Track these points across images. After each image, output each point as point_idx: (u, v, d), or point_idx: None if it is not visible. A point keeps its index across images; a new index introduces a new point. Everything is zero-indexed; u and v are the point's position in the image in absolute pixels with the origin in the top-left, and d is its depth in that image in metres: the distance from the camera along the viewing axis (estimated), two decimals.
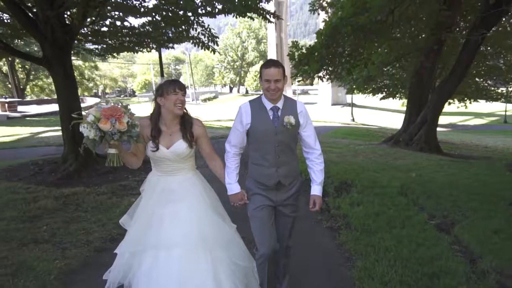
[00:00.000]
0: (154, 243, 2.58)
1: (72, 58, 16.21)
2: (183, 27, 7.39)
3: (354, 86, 13.16)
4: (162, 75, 13.79)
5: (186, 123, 2.75)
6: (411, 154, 10.71)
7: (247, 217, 2.92)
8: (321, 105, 42.62)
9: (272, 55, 49.56)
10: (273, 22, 7.85)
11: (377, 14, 7.92)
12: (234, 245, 2.83)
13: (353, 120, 28.60)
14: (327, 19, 10.33)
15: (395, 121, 26.21)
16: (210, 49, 7.31)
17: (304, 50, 10.27)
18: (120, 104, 2.49)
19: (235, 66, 71.14)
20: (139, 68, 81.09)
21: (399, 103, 34.50)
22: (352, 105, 29.97)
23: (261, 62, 61.12)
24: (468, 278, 3.48)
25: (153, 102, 2.77)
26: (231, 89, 78.81)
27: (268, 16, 7.06)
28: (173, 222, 2.62)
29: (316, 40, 10.07)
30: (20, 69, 37.52)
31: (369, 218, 4.94)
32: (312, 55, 9.83)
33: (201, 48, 7.36)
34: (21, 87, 37.88)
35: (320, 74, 10.54)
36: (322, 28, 10.15)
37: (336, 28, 9.21)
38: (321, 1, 12.03)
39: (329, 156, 9.43)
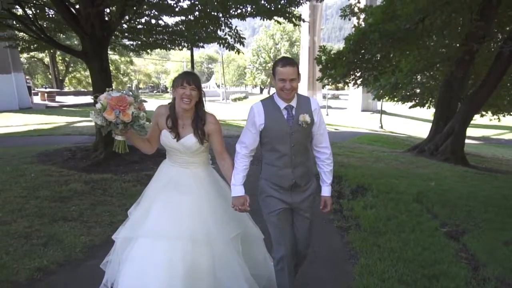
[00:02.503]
0: (150, 232, 2.56)
1: (109, 52, 16.95)
2: (211, 27, 7.68)
3: (381, 93, 13.14)
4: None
5: (198, 119, 2.72)
6: (434, 164, 10.62)
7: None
8: (351, 111, 42.26)
9: (304, 58, 49.47)
10: (298, 25, 8.02)
11: (406, 22, 7.97)
12: (233, 249, 2.74)
13: (381, 127, 28.27)
14: (357, 25, 10.43)
15: (425, 131, 25.70)
16: (235, 50, 7.59)
17: (332, 55, 10.39)
18: (131, 93, 2.52)
19: (267, 68, 71.36)
20: (172, 65, 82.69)
21: (431, 113, 33.80)
22: (382, 112, 29.62)
23: None
24: (467, 282, 3.57)
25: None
26: (261, 90, 79.11)
27: (294, 20, 7.24)
28: (174, 213, 2.60)
29: (344, 45, 10.19)
30: (60, 61, 39.20)
31: (380, 221, 5.07)
32: (339, 59, 9.95)
33: (227, 49, 7.64)
34: (60, 78, 39.59)
35: (346, 79, 10.62)
36: (351, 33, 10.25)
37: (364, 34, 9.30)
38: (352, 7, 12.09)
39: (350, 160, 9.52)
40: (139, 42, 9.38)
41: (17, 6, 7.61)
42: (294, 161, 2.71)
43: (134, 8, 6.81)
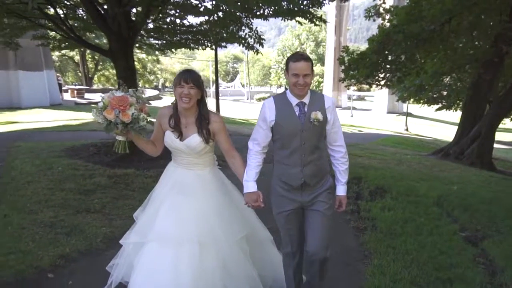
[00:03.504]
0: (158, 236, 2.56)
1: (137, 51, 17.35)
2: (233, 28, 7.78)
3: (405, 95, 12.94)
4: (216, 72, 14.36)
5: (202, 118, 2.66)
6: (459, 168, 10.39)
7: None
8: (376, 112, 41.64)
9: (329, 58, 49.02)
10: (319, 25, 8.00)
11: (430, 23, 7.85)
12: (239, 251, 2.72)
13: (406, 129, 27.74)
14: (381, 26, 10.33)
15: (453, 134, 25.16)
16: (254, 50, 7.68)
17: (355, 55, 10.33)
18: (135, 94, 2.54)
19: None
20: (198, 65, 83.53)
21: (459, 116, 32.97)
22: (407, 114, 29.08)
23: (319, 65, 60.97)
24: (483, 287, 3.54)
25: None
26: (286, 90, 78.96)
27: (315, 20, 7.25)
28: (180, 216, 2.59)
29: (368, 46, 10.10)
30: (90, 59, 40.32)
31: (397, 223, 5.03)
32: (362, 60, 9.88)
33: (247, 49, 7.74)
34: (90, 76, 40.72)
35: (369, 80, 10.53)
36: (374, 34, 10.16)
37: (388, 35, 9.20)
38: (378, 7, 11.97)
39: (371, 162, 9.44)
40: (164, 42, 9.60)
41: (49, 6, 7.93)
42: (304, 160, 2.63)
43: (159, 8, 6.97)
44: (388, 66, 10.61)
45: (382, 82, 10.83)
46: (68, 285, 3.11)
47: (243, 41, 7.86)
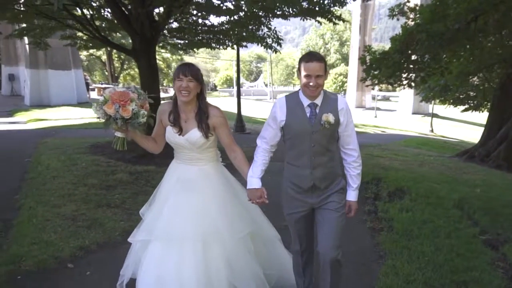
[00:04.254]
0: (162, 234, 2.55)
1: (162, 51, 17.62)
2: (252, 27, 7.84)
3: (430, 95, 12.68)
4: (238, 71, 14.45)
5: (201, 112, 2.63)
6: (484, 171, 10.13)
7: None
8: (401, 113, 40.84)
9: (354, 58, 48.36)
10: (337, 23, 7.94)
11: (455, 22, 7.68)
12: (244, 249, 2.69)
13: (431, 130, 27.13)
14: (404, 25, 10.16)
15: (480, 136, 24.53)
16: (273, 50, 7.70)
17: (377, 55, 10.19)
18: (136, 90, 2.53)
19: None
20: (222, 64, 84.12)
21: (486, 117, 32.02)
22: (433, 115, 28.44)
23: (343, 65, 60.29)
24: None
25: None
26: None
27: (334, 19, 7.22)
28: (183, 214, 2.57)
29: (390, 46, 9.96)
30: (116, 58, 41.26)
31: (414, 225, 4.96)
32: (385, 60, 9.75)
33: (265, 48, 7.79)
34: (116, 75, 41.66)
35: (391, 80, 10.38)
36: (397, 33, 10.01)
37: (411, 34, 9.05)
38: (402, 6, 11.77)
39: (392, 163, 9.32)
40: (186, 41, 9.75)
41: (76, 7, 8.19)
42: (313, 162, 2.57)
43: (181, 8, 7.10)
44: (411, 66, 10.43)
45: (405, 82, 10.66)
46: (86, 275, 3.24)
47: (261, 41, 7.90)
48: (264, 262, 2.84)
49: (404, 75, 10.55)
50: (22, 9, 7.58)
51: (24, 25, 9.46)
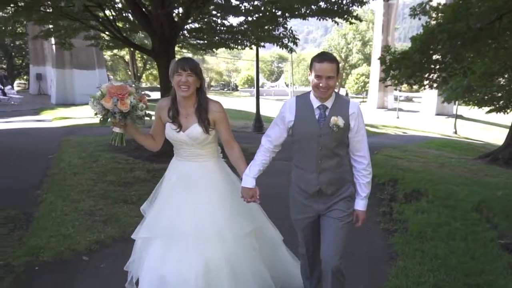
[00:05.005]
0: (163, 232, 2.53)
1: (183, 51, 17.89)
2: (267, 27, 7.87)
3: (452, 96, 12.41)
4: (257, 71, 14.50)
5: (201, 107, 2.58)
6: (507, 173, 9.86)
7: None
8: (424, 114, 40.02)
9: (376, 58, 47.81)
10: (354, 23, 7.88)
11: (476, 21, 7.51)
12: (248, 246, 2.64)
13: (455, 132, 26.49)
14: (426, 24, 9.98)
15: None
16: (288, 49, 7.71)
17: (397, 55, 10.04)
18: (133, 84, 2.48)
19: None
20: (243, 64, 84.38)
21: None
22: (457, 116, 27.77)
23: (365, 65, 59.49)
24: None
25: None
26: None
27: (350, 19, 7.18)
28: (185, 212, 2.54)
29: (410, 45, 9.80)
30: (139, 58, 41.95)
31: (429, 227, 4.89)
32: (405, 60, 9.60)
33: (280, 48, 7.81)
34: (138, 74, 42.36)
35: (411, 80, 10.20)
36: (418, 33, 9.84)
37: (432, 34, 8.89)
38: (424, 5, 11.58)
39: (411, 164, 9.20)
40: (205, 42, 9.88)
41: (99, 9, 8.41)
42: (320, 166, 2.50)
43: (199, 9, 7.21)
44: (432, 66, 10.24)
45: (426, 83, 10.47)
46: (100, 268, 3.34)
47: (277, 41, 7.93)
48: (268, 263, 2.77)
49: (425, 76, 10.36)
50: (47, 11, 7.84)
51: (50, 26, 9.79)
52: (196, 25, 9.24)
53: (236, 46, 9.63)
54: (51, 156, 7.81)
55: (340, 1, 7.32)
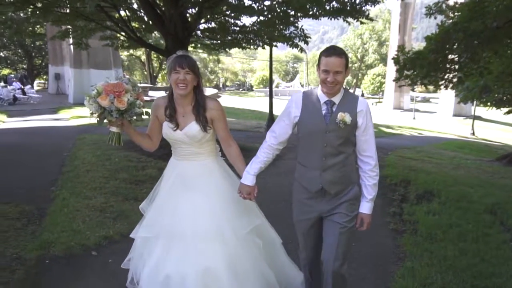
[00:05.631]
0: (163, 232, 2.49)
1: (199, 51, 18.01)
2: (280, 27, 7.87)
3: (469, 96, 12.18)
4: (270, 71, 14.50)
5: (198, 105, 2.53)
6: None
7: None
8: (441, 115, 39.35)
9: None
10: (365, 23, 7.82)
11: (493, 20, 7.37)
12: (251, 245, 2.58)
13: (473, 133, 25.97)
14: (441, 23, 9.83)
15: None
16: (299, 48, 7.69)
17: (411, 54, 9.91)
18: (129, 81, 2.42)
19: (353, 68, 69.64)
20: (259, 64, 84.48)
21: None
22: (475, 117, 27.21)
23: (381, 65, 58.83)
24: None
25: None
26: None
27: (360, 18, 7.13)
28: (185, 212, 2.50)
29: (425, 45, 9.66)
30: (155, 58, 42.45)
31: (440, 228, 4.83)
32: (419, 60, 9.47)
33: (291, 47, 7.80)
34: (154, 74, 42.86)
35: (425, 80, 10.06)
36: (433, 32, 9.70)
37: (448, 33, 8.75)
38: (440, 4, 11.40)
39: (424, 166, 9.07)
40: (218, 41, 9.94)
41: (114, 9, 8.54)
42: (324, 163, 2.43)
43: (211, 9, 7.26)
44: (448, 66, 10.08)
45: (441, 83, 10.30)
46: (108, 263, 3.41)
47: (288, 40, 7.92)
48: (270, 265, 2.68)
49: (440, 76, 10.20)
50: (64, 11, 8.00)
51: (68, 26, 9.98)
52: (209, 25, 9.31)
53: (249, 46, 9.65)
54: (67, 154, 7.97)
55: (353, 0, 7.28)
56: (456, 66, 9.81)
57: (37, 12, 6.96)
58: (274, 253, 2.80)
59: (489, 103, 15.87)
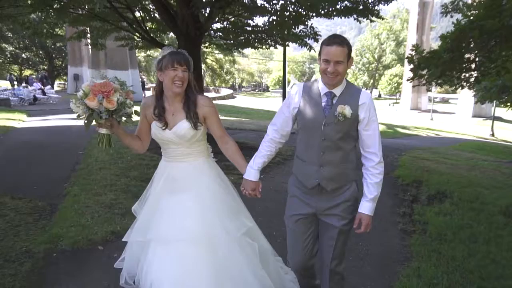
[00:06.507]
0: (154, 236, 2.40)
1: (216, 52, 18.12)
2: (293, 27, 7.85)
3: (486, 96, 11.92)
4: (284, 70, 14.50)
5: (189, 102, 2.42)
6: None
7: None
8: (460, 116, 38.58)
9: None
10: (372, 21, 7.73)
11: (510, 18, 7.19)
12: (246, 245, 2.46)
13: (492, 134, 25.37)
14: (457, 22, 9.64)
15: None
16: (308, 47, 7.65)
17: (426, 54, 9.74)
18: (118, 80, 2.31)
19: (370, 68, 68.94)
20: (275, 65, 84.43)
21: None
22: (494, 118, 26.57)
23: (399, 66, 58.07)
24: None
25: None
26: None
27: (371, 17, 7.06)
28: (174, 215, 2.39)
29: (439, 44, 9.48)
30: None
31: (450, 229, 4.75)
32: (434, 59, 9.30)
33: (300, 46, 7.77)
34: None
35: (440, 80, 9.86)
36: (448, 31, 9.52)
37: (463, 32, 8.59)
38: (456, 2, 11.22)
39: (439, 166, 8.91)
40: (231, 41, 9.98)
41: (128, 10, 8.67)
42: (322, 158, 2.32)
43: (222, 9, 7.30)
44: (464, 65, 9.88)
45: (456, 82, 10.10)
46: (113, 257, 3.46)
47: (297, 39, 7.90)
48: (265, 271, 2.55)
49: (456, 75, 10.01)
50: (79, 13, 8.16)
51: (85, 27, 10.19)
52: (221, 25, 9.36)
53: (261, 46, 9.67)
54: (81, 152, 8.12)
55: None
56: (472, 66, 9.61)
57: (52, 13, 7.11)
58: (266, 257, 2.66)
59: (509, 103, 15.52)
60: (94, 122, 2.27)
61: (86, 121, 2.24)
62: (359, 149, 2.42)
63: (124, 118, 2.32)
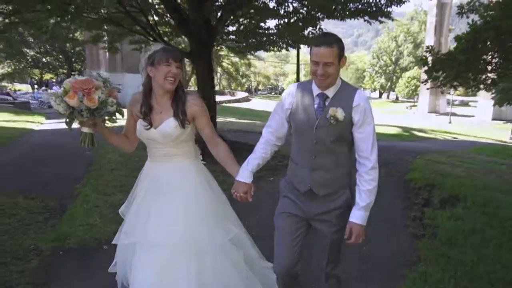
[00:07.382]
0: (138, 239, 2.33)
1: (231, 55, 18.23)
2: (304, 28, 7.86)
3: (504, 98, 11.60)
4: (298, 74, 14.48)
5: (178, 99, 2.33)
6: None
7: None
8: (479, 119, 37.78)
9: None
10: (383, 22, 7.65)
11: None
12: (232, 253, 2.39)
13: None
14: (472, 22, 9.47)
15: None
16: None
17: (441, 55, 9.59)
18: (99, 76, 2.24)
19: (387, 71, 68.20)
20: (291, 68, 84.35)
21: None
22: None
23: (416, 68, 57.34)
24: None
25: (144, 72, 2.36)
26: (380, 94, 75.96)
27: (380, 18, 7.00)
28: (158, 219, 2.30)
29: (454, 46, 9.32)
30: (188, 62, 43.21)
31: (461, 233, 4.64)
32: (448, 60, 9.15)
33: (308, 47, 7.76)
34: (187, 78, 43.63)
35: (455, 82, 9.69)
36: (464, 32, 9.35)
37: (479, 33, 8.43)
38: (472, 3, 11.02)
39: (453, 170, 8.74)
40: (244, 44, 10.04)
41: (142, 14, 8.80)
42: (314, 162, 2.23)
43: (231, 11, 7.35)
44: (480, 66, 9.69)
45: (472, 84, 9.90)
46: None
47: (310, 42, 7.90)
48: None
49: (472, 77, 9.82)
50: (92, 17, 8.31)
51: (101, 31, 10.38)
52: (233, 28, 9.42)
53: (273, 48, 9.70)
54: (88, 152, 8.22)
55: (378, 0, 7.17)
56: (489, 67, 9.42)
57: (66, 18, 7.26)
58: (254, 264, 2.59)
59: None
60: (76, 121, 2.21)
61: (67, 120, 2.19)
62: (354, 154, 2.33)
63: (106, 117, 2.25)
